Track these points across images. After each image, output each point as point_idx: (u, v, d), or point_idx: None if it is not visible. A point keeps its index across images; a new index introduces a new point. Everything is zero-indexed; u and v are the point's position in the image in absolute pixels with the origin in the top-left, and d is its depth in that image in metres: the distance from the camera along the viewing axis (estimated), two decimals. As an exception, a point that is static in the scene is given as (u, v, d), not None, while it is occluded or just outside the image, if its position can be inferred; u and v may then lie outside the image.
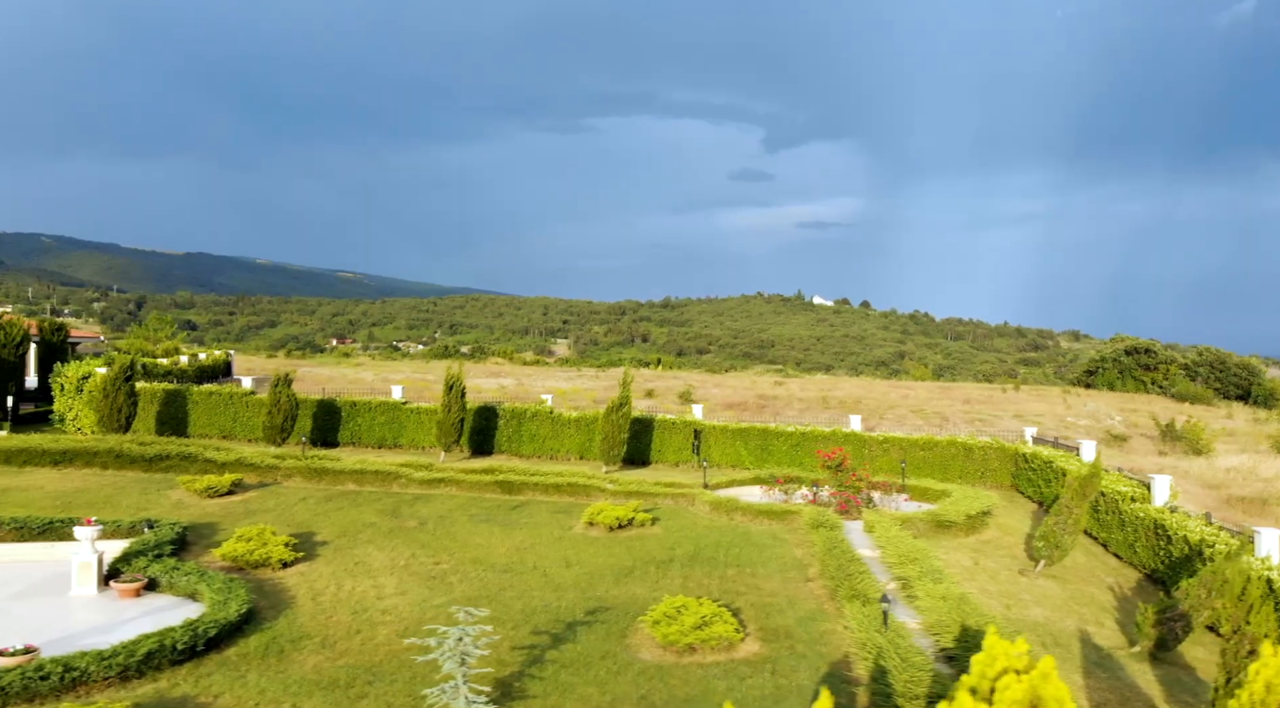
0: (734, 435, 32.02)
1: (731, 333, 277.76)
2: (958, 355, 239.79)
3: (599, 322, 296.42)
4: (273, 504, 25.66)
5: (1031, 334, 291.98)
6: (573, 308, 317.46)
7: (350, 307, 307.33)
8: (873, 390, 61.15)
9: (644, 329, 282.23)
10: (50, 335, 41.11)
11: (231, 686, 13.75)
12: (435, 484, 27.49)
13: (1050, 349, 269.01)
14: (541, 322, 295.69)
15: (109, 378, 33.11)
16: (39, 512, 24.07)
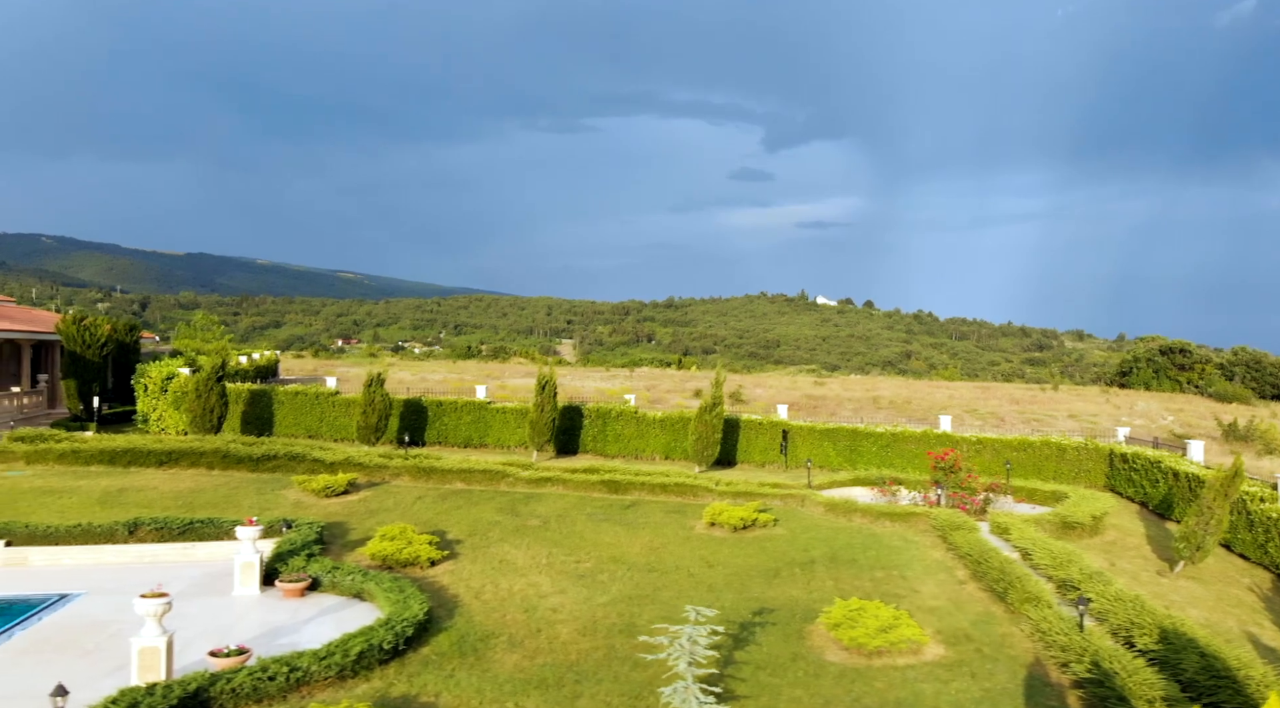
0: (821, 436, 32.14)
1: (737, 333, 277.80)
2: (964, 355, 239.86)
3: (603, 322, 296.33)
4: (391, 503, 25.78)
5: (1036, 334, 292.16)
6: (576, 308, 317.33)
7: (354, 307, 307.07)
8: (917, 391, 61.26)
9: (649, 329, 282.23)
10: (124, 336, 41.15)
11: (445, 685, 13.88)
12: (542, 483, 27.61)
13: (1055, 349, 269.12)
14: (546, 322, 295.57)
15: (201, 379, 33.21)
16: (161, 512, 24.21)
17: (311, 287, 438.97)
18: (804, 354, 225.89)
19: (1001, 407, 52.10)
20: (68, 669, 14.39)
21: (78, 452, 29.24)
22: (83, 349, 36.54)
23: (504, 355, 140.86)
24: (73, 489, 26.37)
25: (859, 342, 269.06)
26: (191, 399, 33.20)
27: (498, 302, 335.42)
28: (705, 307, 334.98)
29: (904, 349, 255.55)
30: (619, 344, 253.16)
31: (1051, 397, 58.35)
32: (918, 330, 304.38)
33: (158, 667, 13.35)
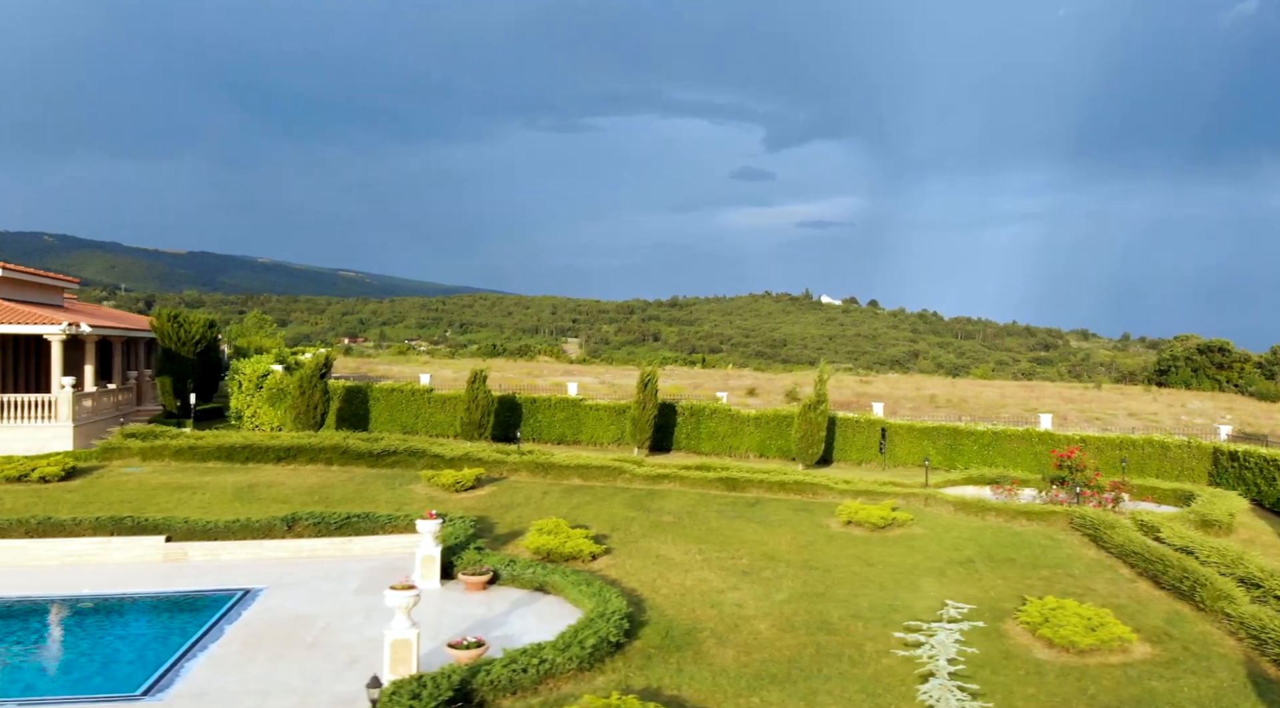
0: (920, 434, 32.30)
1: (743, 332, 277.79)
2: (971, 355, 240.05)
3: (607, 321, 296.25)
4: (521, 498, 25.91)
5: (1040, 333, 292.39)
6: (581, 307, 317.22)
7: (359, 305, 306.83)
8: (965, 390, 61.39)
9: (654, 328, 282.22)
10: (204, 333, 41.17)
11: (679, 679, 13.99)
12: (659, 480, 27.73)
13: (1061, 348, 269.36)
14: (550, 321, 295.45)
15: (305, 376, 33.32)
16: (300, 507, 24.30)
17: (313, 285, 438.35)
18: (811, 353, 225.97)
19: (1057, 405, 52.23)
20: (303, 663, 14.52)
21: (194, 448, 29.34)
22: (177, 346, 36.61)
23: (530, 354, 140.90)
24: (203, 485, 26.48)
25: (865, 341, 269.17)
26: (295, 396, 33.29)
27: (502, 300, 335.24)
28: (710, 306, 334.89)
29: (910, 349, 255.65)
30: (624, 343, 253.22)
31: (1098, 395, 58.54)
32: (923, 330, 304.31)
33: (409, 659, 13.47)
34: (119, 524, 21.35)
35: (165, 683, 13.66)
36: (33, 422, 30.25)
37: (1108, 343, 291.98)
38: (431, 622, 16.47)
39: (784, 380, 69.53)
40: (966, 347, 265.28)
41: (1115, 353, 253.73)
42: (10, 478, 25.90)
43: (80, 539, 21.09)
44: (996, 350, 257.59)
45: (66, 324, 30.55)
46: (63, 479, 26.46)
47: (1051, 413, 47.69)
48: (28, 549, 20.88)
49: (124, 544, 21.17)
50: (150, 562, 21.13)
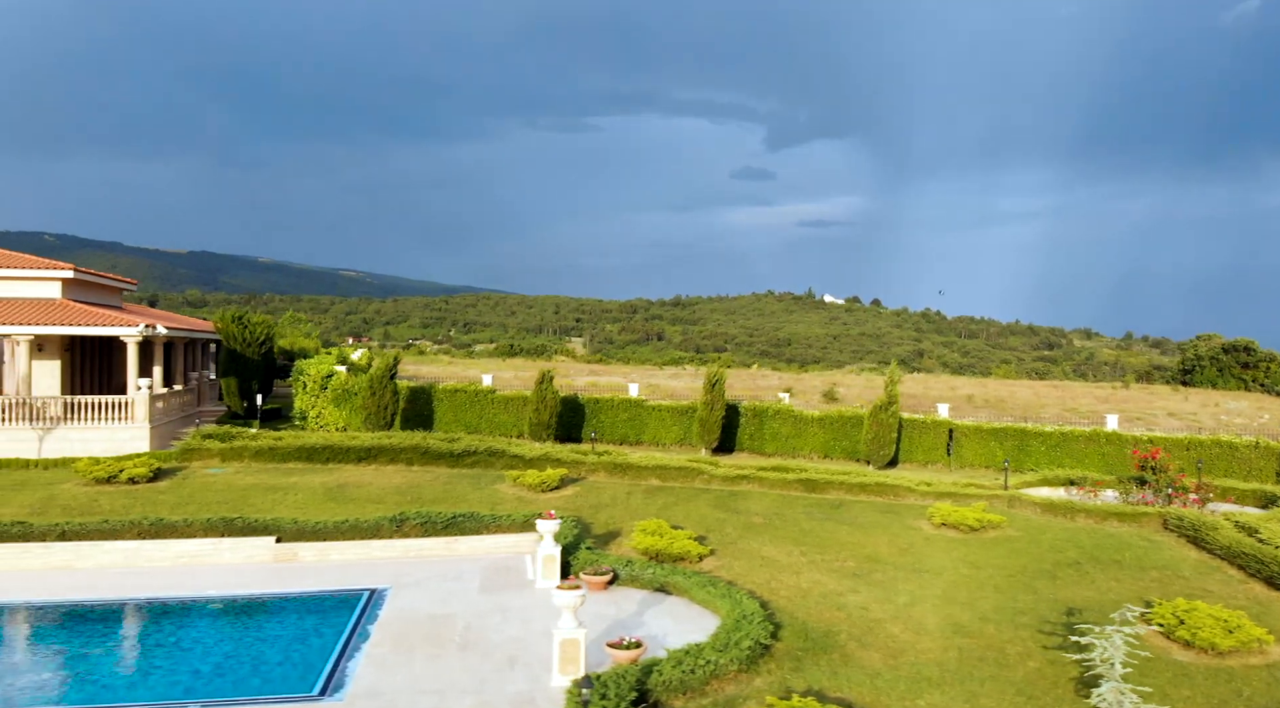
0: (988, 435, 32.46)
1: (746, 331, 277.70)
2: (976, 354, 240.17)
3: (611, 320, 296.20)
4: (607, 498, 26.04)
5: (1044, 332, 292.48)
6: (584, 306, 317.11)
7: (363, 305, 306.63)
8: (996, 390, 61.53)
9: (658, 328, 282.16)
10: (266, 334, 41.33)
11: (837, 681, 14.11)
12: (738, 481, 27.87)
13: (1064, 348, 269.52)
14: (554, 320, 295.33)
15: (376, 377, 33.46)
16: (390, 507, 24.45)
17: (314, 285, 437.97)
18: (816, 353, 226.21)
19: (1094, 406, 52.42)
20: (463, 663, 14.64)
21: (274, 449, 29.47)
22: (242, 347, 36.74)
23: (548, 354, 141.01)
24: (292, 486, 26.61)
25: (870, 340, 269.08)
26: (366, 396, 33.44)
27: (505, 300, 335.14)
28: (713, 305, 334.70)
29: (915, 348, 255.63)
30: (628, 343, 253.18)
31: (1129, 395, 58.72)
32: (926, 329, 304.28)
33: (578, 659, 13.62)
34: (230, 525, 21.48)
35: (337, 683, 13.78)
36: (110, 423, 30.37)
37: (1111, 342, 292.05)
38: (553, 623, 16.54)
39: (815, 380, 69.73)
40: (971, 346, 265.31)
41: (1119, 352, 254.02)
42: (100, 479, 26.01)
43: (192, 540, 21.22)
44: (1001, 350, 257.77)
45: (144, 325, 30.68)
46: (150, 480, 26.58)
47: (1092, 413, 47.87)
48: (141, 550, 21.01)
49: (235, 545, 21.31)
50: (261, 562, 21.27)
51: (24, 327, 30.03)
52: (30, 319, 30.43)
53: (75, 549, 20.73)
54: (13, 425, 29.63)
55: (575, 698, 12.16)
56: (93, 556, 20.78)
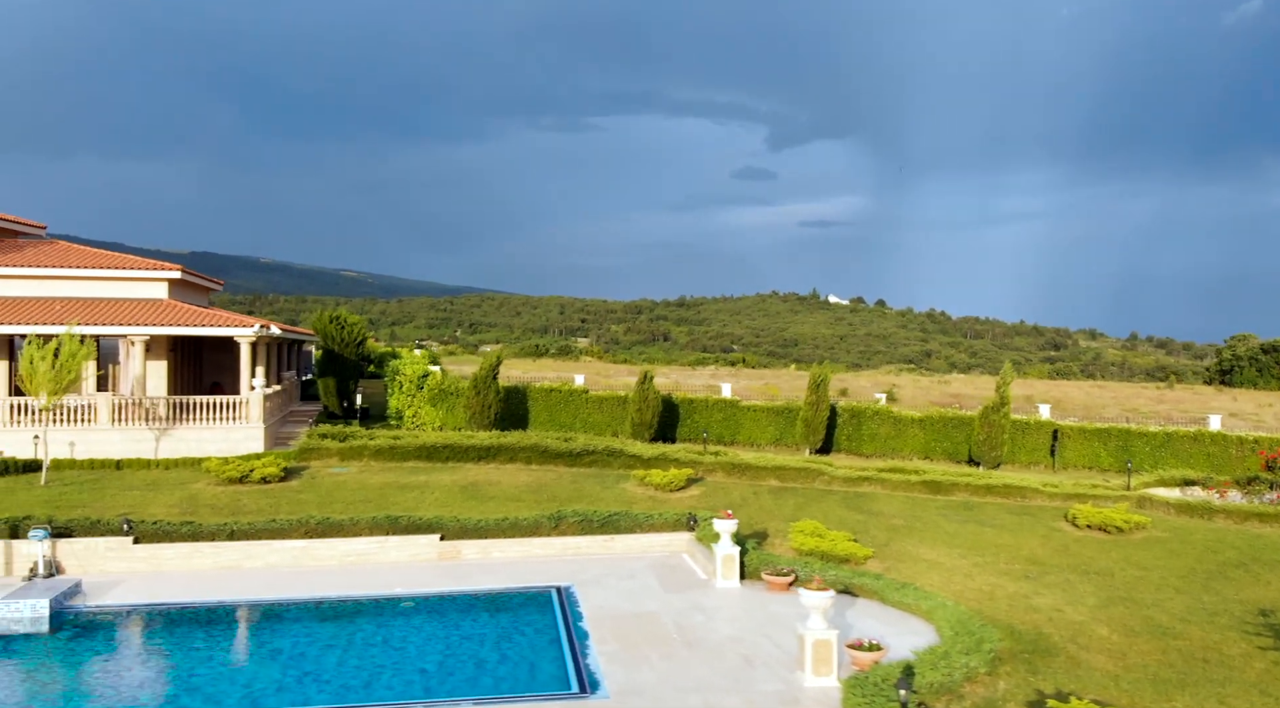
0: (1091, 436, 32.56)
1: (752, 332, 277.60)
2: (983, 354, 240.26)
3: (616, 320, 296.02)
4: (736, 499, 26.07)
5: (1049, 333, 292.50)
6: (589, 307, 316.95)
7: (368, 305, 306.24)
8: (1044, 390, 61.62)
9: (664, 328, 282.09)
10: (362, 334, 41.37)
11: (1082, 684, 14.04)
12: (859, 482, 27.92)
13: (1071, 348, 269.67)
14: (559, 320, 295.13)
15: (480, 377, 33.51)
16: (528, 504, 24.52)
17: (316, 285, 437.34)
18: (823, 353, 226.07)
19: (1151, 405, 52.53)
20: (703, 661, 14.65)
21: (394, 448, 29.51)
22: (340, 347, 36.78)
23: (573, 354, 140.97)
24: (423, 484, 26.65)
25: (877, 340, 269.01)
26: (470, 395, 33.49)
27: (510, 300, 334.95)
28: (717, 305, 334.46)
29: (923, 348, 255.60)
30: (634, 343, 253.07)
31: (1178, 395, 58.84)
32: (931, 329, 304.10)
33: (830, 659, 13.67)
34: (394, 524, 21.52)
35: (591, 681, 13.81)
36: (225, 423, 30.38)
37: (1116, 342, 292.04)
38: (767, 621, 16.63)
39: (861, 381, 69.78)
40: (978, 346, 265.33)
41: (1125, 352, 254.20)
42: (232, 479, 26.02)
43: (359, 539, 21.27)
44: (1008, 350, 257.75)
45: (259, 326, 30.70)
46: (281, 480, 26.59)
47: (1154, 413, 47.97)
48: (310, 550, 21.06)
49: (400, 543, 21.37)
50: (426, 560, 21.34)
51: (142, 327, 30.06)
52: (147, 319, 30.45)
53: (245, 549, 20.78)
54: (131, 426, 29.63)
55: (878, 698, 12.18)
56: (262, 555, 20.83)
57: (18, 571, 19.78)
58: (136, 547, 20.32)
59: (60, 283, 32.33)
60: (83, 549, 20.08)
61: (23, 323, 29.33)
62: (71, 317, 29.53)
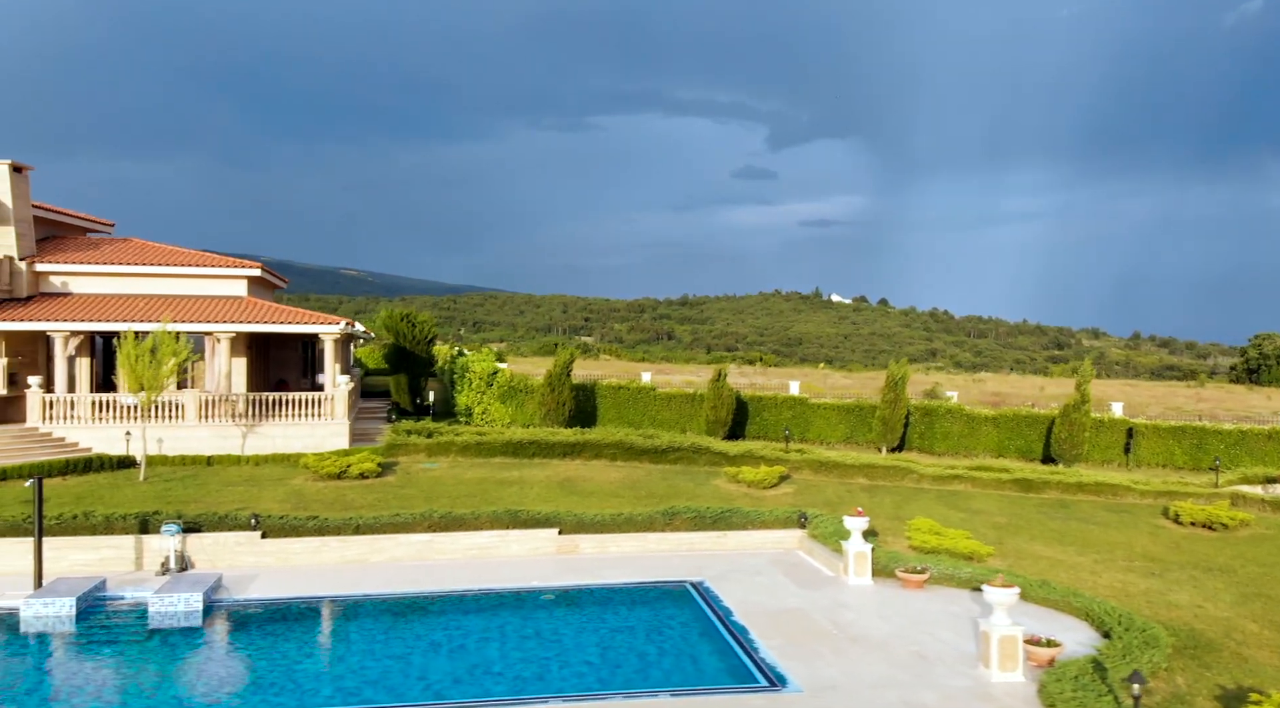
0: (1166, 434, 32.64)
1: (756, 330, 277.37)
2: (989, 354, 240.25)
3: (619, 319, 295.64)
4: (831, 496, 26.12)
5: (1052, 332, 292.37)
6: (591, 305, 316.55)
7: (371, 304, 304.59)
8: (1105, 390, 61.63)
9: (667, 327, 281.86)
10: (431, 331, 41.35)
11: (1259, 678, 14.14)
12: (949, 480, 27.96)
13: (1074, 347, 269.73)
14: (562, 319, 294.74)
15: (555, 374, 33.53)
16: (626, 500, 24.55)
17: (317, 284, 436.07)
18: (828, 352, 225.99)
19: (1192, 404, 52.59)
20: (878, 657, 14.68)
21: (480, 444, 29.55)
22: (411, 345, 36.80)
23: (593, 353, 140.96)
24: (517, 480, 26.68)
25: (882, 339, 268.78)
26: (544, 393, 33.53)
27: (513, 299, 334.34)
28: (720, 304, 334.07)
29: (927, 347, 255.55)
30: (638, 342, 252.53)
31: (1215, 395, 58.95)
32: (935, 329, 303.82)
33: (1016, 655, 13.71)
34: (514, 518, 21.56)
35: (776, 676, 13.84)
36: (310, 419, 30.37)
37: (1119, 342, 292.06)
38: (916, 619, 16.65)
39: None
40: (982, 345, 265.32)
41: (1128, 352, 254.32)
42: (331, 475, 26.04)
43: (480, 532, 21.31)
44: (1011, 349, 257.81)
45: (344, 324, 30.70)
46: (378, 476, 26.60)
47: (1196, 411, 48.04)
48: (433, 543, 21.10)
49: (521, 537, 21.41)
50: (546, 554, 21.39)
51: (230, 324, 30.06)
52: (233, 316, 30.45)
53: (371, 543, 20.82)
54: (217, 422, 29.62)
55: (1084, 692, 12.22)
56: (388, 549, 20.87)
57: (148, 565, 19.82)
58: (265, 541, 20.35)
59: (141, 280, 32.31)
60: (212, 544, 20.12)
61: (112, 320, 29.31)
62: (161, 314, 29.52)
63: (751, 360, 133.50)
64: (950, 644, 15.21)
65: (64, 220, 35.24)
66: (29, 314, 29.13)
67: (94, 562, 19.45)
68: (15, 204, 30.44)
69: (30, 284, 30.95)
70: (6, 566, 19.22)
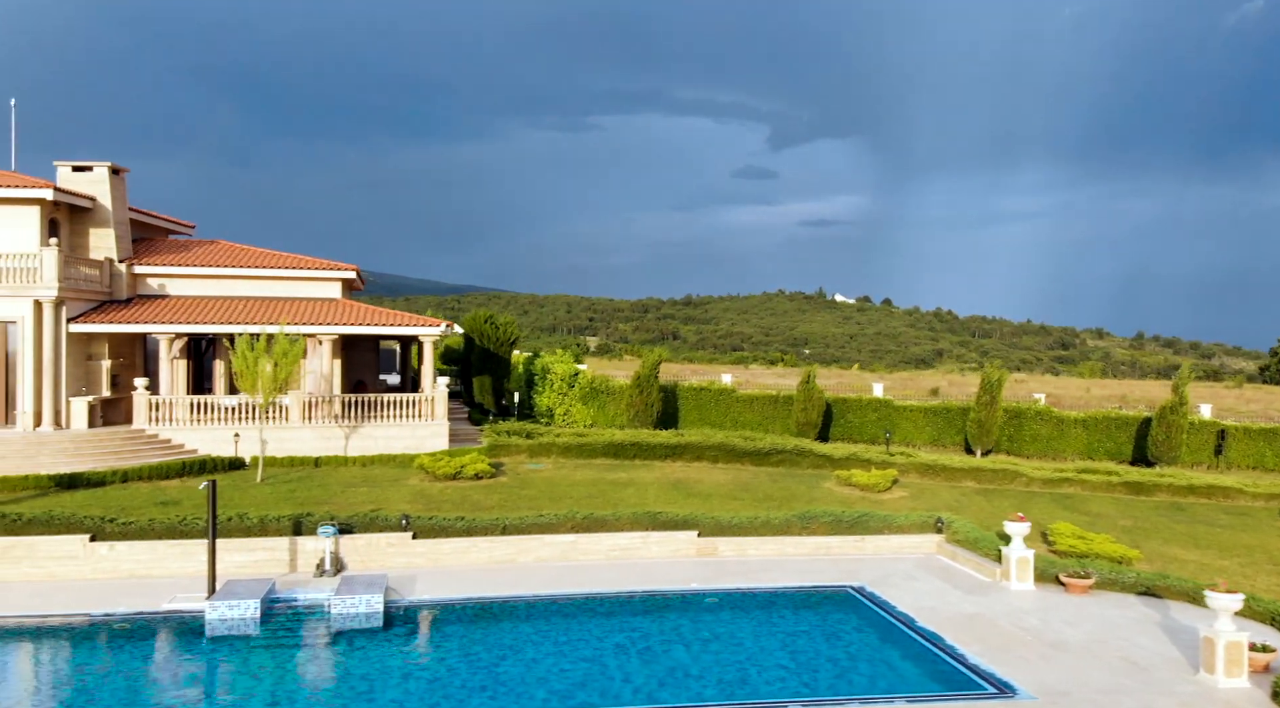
0: (1257, 436, 32.53)
1: (762, 330, 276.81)
2: (995, 354, 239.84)
3: (623, 319, 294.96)
4: (949, 500, 25.93)
5: (1056, 332, 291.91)
6: (595, 305, 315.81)
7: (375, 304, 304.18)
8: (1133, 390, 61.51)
9: (672, 327, 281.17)
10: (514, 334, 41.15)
11: None
12: (1059, 483, 27.80)
13: (1079, 347, 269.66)
14: (567, 319, 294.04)
15: (644, 376, 33.39)
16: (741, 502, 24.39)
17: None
18: (834, 352, 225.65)
19: (1243, 405, 52.46)
20: (1090, 663, 14.51)
21: (581, 446, 29.40)
22: (495, 347, 36.64)
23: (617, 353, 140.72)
24: (629, 481, 26.51)
25: (887, 339, 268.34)
26: (633, 394, 33.37)
27: (516, 299, 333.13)
28: (725, 304, 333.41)
29: (934, 347, 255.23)
30: (644, 342, 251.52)
31: (1256, 394, 58.83)
32: (939, 329, 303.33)
33: (1242, 661, 13.54)
34: (654, 520, 21.38)
35: (1002, 682, 13.66)
36: (410, 420, 30.19)
37: (1123, 342, 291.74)
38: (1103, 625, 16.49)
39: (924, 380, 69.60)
40: (988, 345, 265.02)
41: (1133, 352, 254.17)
42: (447, 476, 25.87)
43: (622, 534, 21.13)
44: (1017, 349, 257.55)
45: (445, 325, 30.52)
46: (491, 476, 26.43)
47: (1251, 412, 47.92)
48: (577, 544, 20.93)
49: (662, 539, 21.25)
50: (685, 556, 21.22)
51: (333, 326, 29.87)
52: (334, 318, 30.27)
53: (517, 543, 20.65)
54: (320, 424, 29.45)
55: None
56: (534, 549, 20.71)
57: (302, 566, 19.64)
58: (415, 542, 20.18)
59: (236, 282, 32.10)
60: (364, 545, 19.94)
61: (216, 322, 29.14)
62: (262, 316, 29.35)
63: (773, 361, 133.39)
64: (1152, 650, 15.06)
65: (150, 221, 35.05)
66: (133, 316, 28.93)
67: (249, 564, 19.26)
68: (114, 206, 30.25)
69: (129, 286, 30.75)
70: (162, 569, 19.04)
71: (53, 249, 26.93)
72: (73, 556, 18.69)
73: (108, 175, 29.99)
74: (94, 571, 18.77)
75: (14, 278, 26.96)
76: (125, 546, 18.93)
